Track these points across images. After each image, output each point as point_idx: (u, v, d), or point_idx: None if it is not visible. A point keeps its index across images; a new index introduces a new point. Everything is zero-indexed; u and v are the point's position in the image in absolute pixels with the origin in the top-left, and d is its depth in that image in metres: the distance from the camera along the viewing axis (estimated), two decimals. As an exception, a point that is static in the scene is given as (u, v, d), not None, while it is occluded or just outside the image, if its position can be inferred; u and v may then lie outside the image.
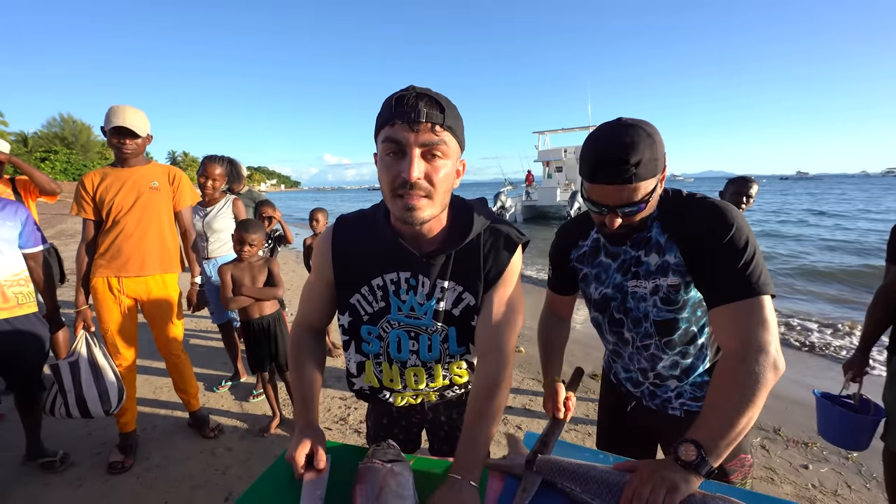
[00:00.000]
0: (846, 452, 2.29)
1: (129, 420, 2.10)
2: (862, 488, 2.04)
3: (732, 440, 0.72)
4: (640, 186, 0.81)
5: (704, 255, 0.84)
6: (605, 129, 0.83)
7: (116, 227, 1.95)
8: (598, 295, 1.04)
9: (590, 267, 1.06)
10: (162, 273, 2.06)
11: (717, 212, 0.84)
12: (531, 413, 2.67)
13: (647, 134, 0.80)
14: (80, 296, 1.95)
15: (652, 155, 0.80)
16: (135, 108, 1.89)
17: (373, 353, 0.94)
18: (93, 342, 1.90)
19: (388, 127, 0.72)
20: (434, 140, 0.72)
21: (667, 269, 0.91)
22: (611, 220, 0.87)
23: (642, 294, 0.96)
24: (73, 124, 49.95)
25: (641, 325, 0.99)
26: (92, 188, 1.94)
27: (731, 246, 0.81)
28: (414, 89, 0.74)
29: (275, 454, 2.16)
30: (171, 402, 2.64)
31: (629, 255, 0.97)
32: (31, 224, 1.88)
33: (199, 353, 3.46)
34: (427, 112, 0.71)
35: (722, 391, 0.76)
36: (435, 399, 1.02)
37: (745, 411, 0.72)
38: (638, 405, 1.11)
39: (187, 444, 2.23)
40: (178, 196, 2.11)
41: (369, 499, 0.70)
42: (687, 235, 0.87)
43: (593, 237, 1.05)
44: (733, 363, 0.77)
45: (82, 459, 2.07)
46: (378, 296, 0.89)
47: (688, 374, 1.00)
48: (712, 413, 0.75)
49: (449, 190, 0.80)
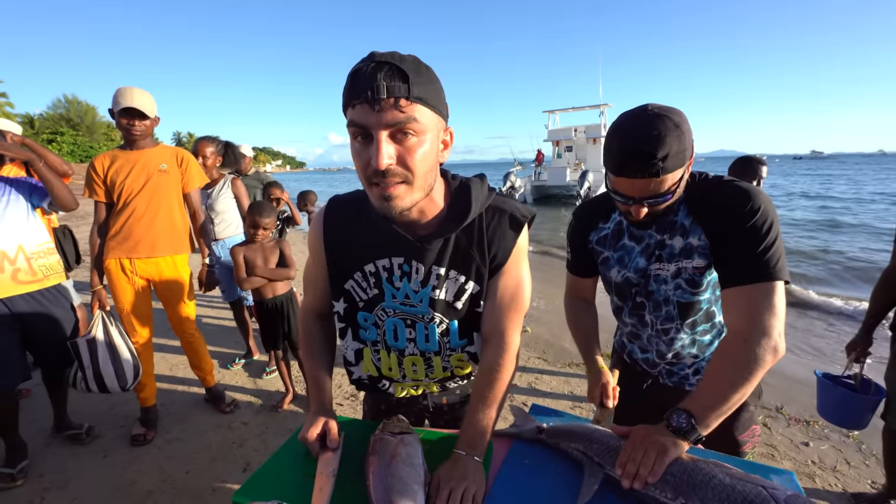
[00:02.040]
0: (847, 431, 2.32)
1: (149, 395, 2.19)
2: (861, 465, 2.08)
3: (723, 413, 0.77)
4: (667, 178, 0.80)
5: (728, 236, 0.85)
6: (631, 119, 0.81)
7: (127, 209, 1.98)
8: (621, 278, 1.03)
9: (612, 250, 1.04)
10: (172, 254, 2.10)
11: (745, 195, 0.84)
12: (537, 392, 2.73)
13: (675, 125, 0.78)
14: (94, 276, 2.01)
15: (680, 147, 0.78)
16: (142, 90, 1.89)
17: (370, 340, 0.90)
18: (109, 321, 1.97)
19: (350, 109, 0.64)
20: (400, 118, 0.62)
21: (691, 252, 0.91)
22: (637, 211, 0.87)
23: (664, 277, 0.97)
24: (79, 105, 49.79)
25: (662, 308, 1.00)
26: (102, 171, 1.96)
27: (754, 229, 0.81)
28: (373, 57, 0.62)
29: (289, 428, 2.25)
30: (187, 378, 2.73)
31: (654, 238, 0.97)
32: (39, 188, 1.89)
33: (211, 332, 3.55)
34: (388, 85, 0.60)
35: (720, 367, 0.80)
36: (437, 390, 0.99)
37: (739, 389, 0.77)
38: (654, 383, 1.12)
39: (204, 418, 2.33)
40: (186, 178, 2.12)
41: (382, 467, 0.74)
42: (713, 217, 0.87)
43: (615, 220, 1.04)
44: (736, 343, 0.79)
45: (106, 432, 2.18)
46: (371, 282, 0.84)
47: (704, 352, 1.03)
48: (708, 386, 0.79)
49: (432, 169, 0.70)
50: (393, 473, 0.72)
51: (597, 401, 1.02)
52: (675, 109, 0.81)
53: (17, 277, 1.74)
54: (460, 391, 1.03)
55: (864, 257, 7.31)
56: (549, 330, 3.79)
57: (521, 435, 0.90)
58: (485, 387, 0.82)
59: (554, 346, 3.46)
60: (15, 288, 1.74)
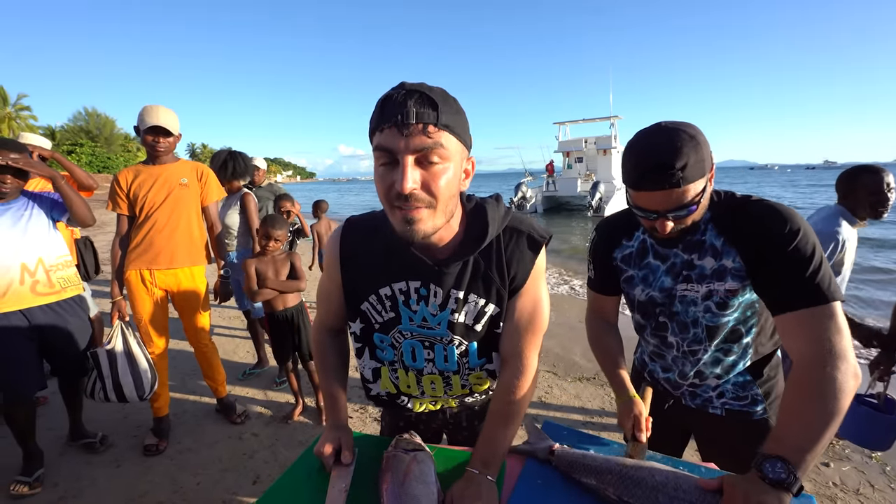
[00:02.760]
0: (869, 451, 2.24)
1: (163, 405, 2.22)
2: (886, 488, 2.01)
3: (817, 453, 0.68)
4: (688, 189, 0.79)
5: (769, 260, 0.81)
6: (646, 137, 0.82)
7: (149, 222, 2.04)
8: (645, 297, 1.01)
9: (636, 269, 1.02)
10: (190, 266, 2.15)
11: (781, 215, 0.81)
12: (547, 405, 2.70)
13: (690, 136, 0.78)
14: (115, 288, 2.06)
15: (697, 157, 0.77)
16: (167, 108, 1.98)
17: (388, 360, 0.89)
18: (128, 332, 2.01)
19: (377, 133, 0.65)
20: (427, 144, 0.63)
21: (724, 274, 0.88)
22: (662, 226, 0.84)
23: (693, 298, 0.93)
24: (98, 118, 51.53)
25: (690, 329, 0.96)
26: (126, 185, 2.03)
27: (799, 251, 0.78)
28: (403, 86, 0.65)
29: (299, 440, 2.26)
30: (199, 388, 2.77)
31: (680, 258, 0.94)
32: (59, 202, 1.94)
33: (224, 343, 3.60)
34: (417, 112, 0.62)
35: (802, 400, 0.72)
36: (455, 406, 0.99)
37: (830, 421, 0.69)
38: (676, 404, 1.09)
39: (216, 428, 2.35)
40: (205, 191, 2.19)
41: (395, 484, 0.75)
42: (749, 239, 0.84)
43: (639, 237, 1.01)
44: (812, 371, 0.73)
45: (120, 441, 2.21)
46: (387, 305, 0.83)
47: (728, 372, 0.99)
48: (794, 424, 0.71)
49: (454, 196, 0.71)
50: (406, 491, 0.73)
51: (629, 433, 0.95)
52: (688, 123, 0.81)
53: (36, 289, 1.80)
54: (479, 406, 1.03)
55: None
56: (560, 343, 3.76)
57: (534, 454, 0.90)
58: (502, 407, 0.82)
59: (564, 360, 3.43)
60: (34, 299, 1.79)
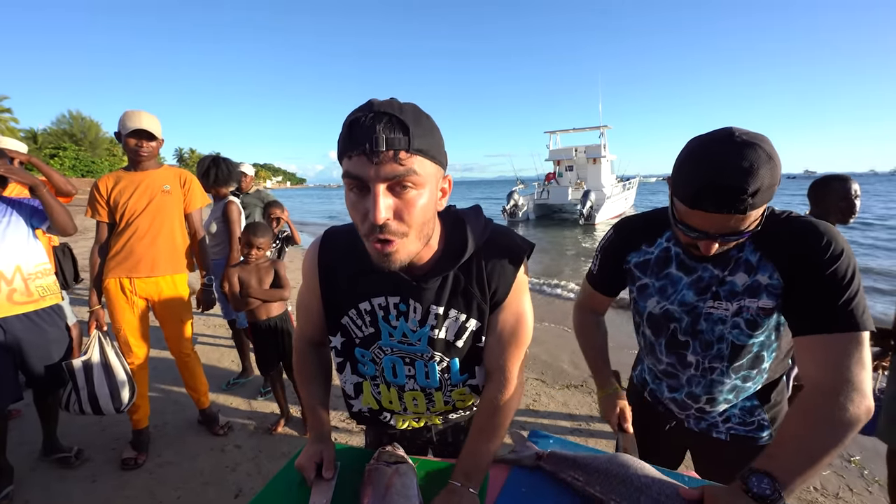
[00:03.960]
0: (848, 455, 2.30)
1: (142, 417, 2.16)
2: (864, 491, 2.05)
3: (808, 477, 0.67)
4: (751, 215, 0.72)
5: (808, 280, 0.76)
6: (716, 146, 0.71)
7: (129, 229, 2.00)
8: (660, 310, 0.94)
9: (654, 278, 0.95)
10: (172, 274, 2.11)
11: (825, 236, 0.76)
12: (535, 413, 2.70)
13: (768, 156, 0.69)
14: (93, 296, 2.01)
15: (772, 180, 0.69)
16: (149, 113, 1.95)
17: (369, 374, 0.88)
18: (105, 341, 1.95)
19: (346, 159, 0.61)
20: (399, 171, 0.60)
21: (757, 290, 0.82)
22: (707, 247, 0.78)
23: (721, 316, 0.87)
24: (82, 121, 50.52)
25: (713, 347, 0.90)
26: (106, 191, 1.99)
27: (838, 274, 0.73)
28: (371, 107, 0.60)
29: (283, 452, 2.21)
30: (181, 399, 2.69)
31: (709, 272, 0.87)
32: (39, 209, 1.88)
33: (209, 352, 3.52)
34: (387, 138, 0.58)
35: (807, 425, 0.70)
36: (440, 423, 0.97)
37: (830, 450, 0.67)
38: (678, 426, 1.04)
39: (197, 441, 2.29)
40: (188, 199, 2.16)
41: (376, 498, 0.74)
42: (789, 256, 0.78)
43: (662, 245, 0.94)
44: (825, 397, 0.70)
45: (96, 455, 2.14)
46: (367, 321, 0.82)
47: (738, 397, 0.95)
48: (792, 445, 0.69)
49: (430, 220, 0.69)
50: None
51: (615, 427, 0.96)
52: (764, 137, 0.71)
53: (13, 298, 1.74)
54: (465, 423, 1.01)
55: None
56: (547, 350, 3.77)
57: (520, 462, 0.90)
58: (485, 421, 0.81)
59: (552, 367, 3.44)
60: (10, 308, 1.74)
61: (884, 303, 5.63)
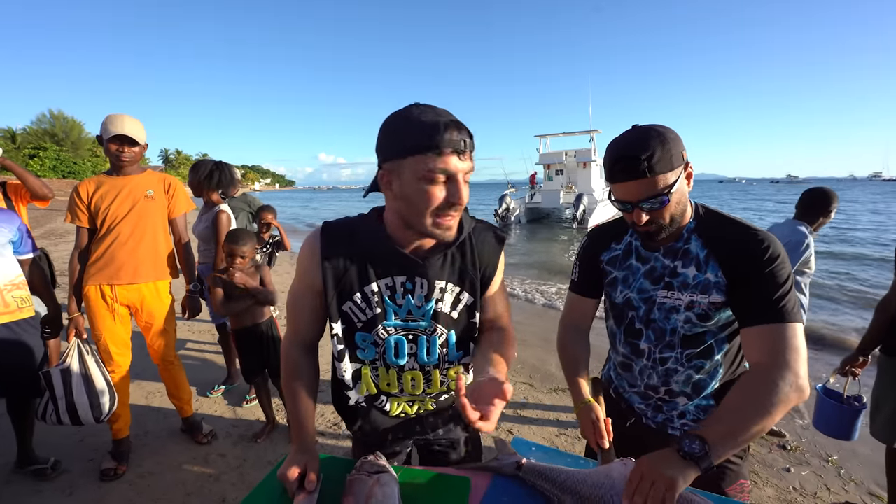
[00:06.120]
0: (826, 455, 2.36)
1: (123, 426, 2.10)
2: (840, 490, 2.11)
3: (738, 444, 0.76)
4: (657, 179, 0.85)
5: (748, 280, 0.87)
6: (622, 134, 0.90)
7: (110, 235, 1.96)
8: (622, 298, 1.04)
9: (619, 270, 1.06)
10: (155, 280, 2.07)
11: (764, 241, 0.87)
12: (523, 419, 2.71)
13: (658, 132, 0.86)
14: (72, 304, 1.96)
15: (664, 150, 0.84)
16: (132, 117, 1.92)
17: (368, 359, 0.93)
18: (85, 350, 1.91)
19: (432, 155, 0.72)
20: (471, 167, 0.78)
21: (708, 287, 0.91)
22: (637, 216, 0.89)
23: (674, 305, 0.95)
24: (65, 121, 49.30)
25: (665, 337, 0.98)
26: (87, 196, 1.95)
27: (776, 274, 0.85)
28: (442, 112, 0.75)
29: (268, 460, 2.18)
30: (163, 407, 2.64)
31: (661, 262, 0.98)
32: (24, 230, 1.89)
33: (193, 359, 3.46)
34: (468, 141, 0.75)
35: (743, 397, 0.80)
36: (431, 408, 1.01)
37: (760, 420, 0.76)
38: (637, 422, 1.09)
39: (180, 450, 2.24)
40: (173, 204, 2.13)
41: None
42: (732, 258, 0.89)
43: (626, 241, 1.06)
44: (762, 376, 0.80)
45: (74, 466, 2.08)
46: (373, 302, 0.88)
47: (697, 392, 1.00)
48: (727, 415, 0.79)
49: None
50: (369, 516, 0.72)
51: (593, 443, 0.96)
52: (661, 125, 0.88)
53: None
54: (453, 411, 1.04)
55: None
56: (535, 354, 3.79)
57: (501, 470, 0.91)
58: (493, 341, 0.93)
59: (541, 371, 3.46)
60: None
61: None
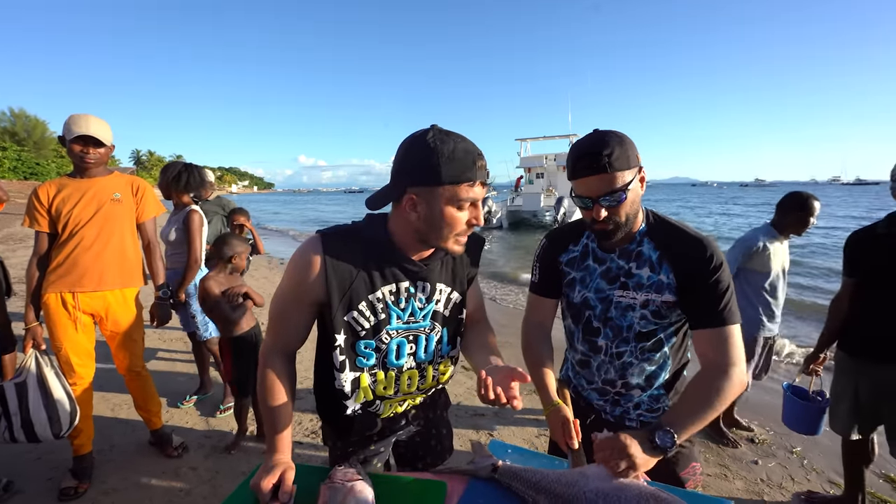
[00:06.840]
0: (790, 447, 2.47)
1: (85, 441, 1.99)
2: (803, 480, 2.21)
3: (694, 430, 0.91)
4: (616, 176, 0.91)
5: (696, 284, 0.96)
6: (584, 137, 0.99)
7: (73, 240, 1.86)
8: (580, 298, 1.10)
9: (577, 271, 1.11)
10: (122, 287, 1.99)
11: (709, 249, 0.96)
12: (502, 420, 2.73)
13: (616, 135, 0.94)
14: (29, 313, 1.85)
15: (622, 150, 0.92)
16: (97, 118, 1.84)
17: (367, 366, 0.94)
18: (43, 361, 1.80)
19: (466, 186, 0.82)
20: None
21: (662, 287, 0.99)
22: (597, 211, 0.95)
23: (629, 304, 1.02)
24: (27, 119, 46.75)
25: (622, 333, 1.05)
26: (47, 200, 1.85)
27: (720, 280, 0.95)
28: (474, 147, 0.84)
29: (242, 471, 2.11)
30: (131, 419, 2.52)
31: (616, 263, 1.04)
32: None
33: (162, 368, 3.32)
34: (487, 171, 0.86)
35: (697, 391, 0.94)
36: (418, 402, 1.08)
37: (713, 410, 0.91)
38: (597, 418, 1.15)
39: (148, 464, 2.15)
40: (141, 207, 2.04)
41: (330, 519, 0.73)
42: (682, 263, 0.98)
43: (584, 243, 1.12)
44: (715, 372, 0.94)
45: (29, 487, 1.96)
46: (378, 308, 0.91)
47: (650, 384, 1.08)
48: (686, 407, 0.93)
49: None
50: (342, 525, 0.71)
51: (563, 445, 0.98)
52: (618, 131, 0.96)
53: None
54: (439, 406, 1.18)
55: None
56: (515, 354, 3.82)
57: (477, 474, 0.91)
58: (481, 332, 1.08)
59: (521, 373, 3.49)
60: None
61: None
